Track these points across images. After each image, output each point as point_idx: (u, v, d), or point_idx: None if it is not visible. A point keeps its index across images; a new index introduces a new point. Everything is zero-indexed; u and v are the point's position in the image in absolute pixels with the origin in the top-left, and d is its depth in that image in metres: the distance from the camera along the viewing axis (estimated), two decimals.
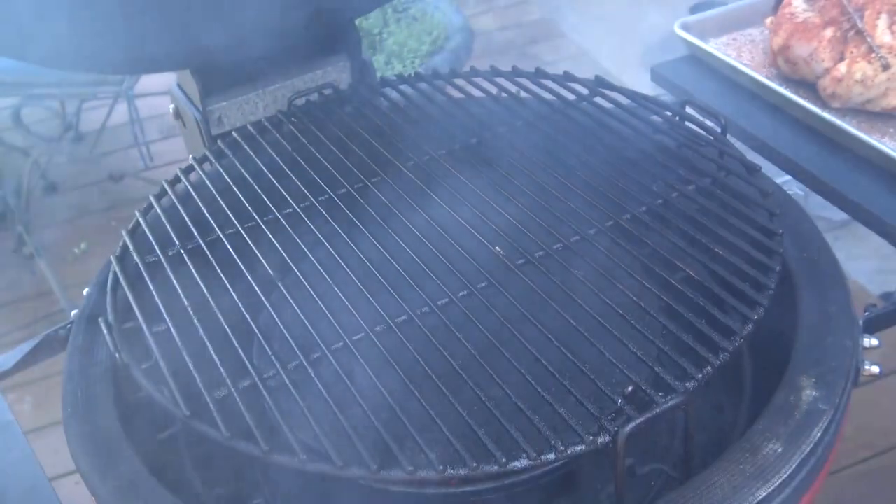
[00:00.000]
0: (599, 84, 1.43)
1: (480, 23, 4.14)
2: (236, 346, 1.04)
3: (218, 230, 1.23)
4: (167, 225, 1.26)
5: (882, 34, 1.39)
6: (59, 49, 1.32)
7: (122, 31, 1.33)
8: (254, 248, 1.18)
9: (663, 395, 0.92)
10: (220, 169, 1.36)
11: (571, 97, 1.42)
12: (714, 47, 1.63)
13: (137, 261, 1.20)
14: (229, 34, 1.40)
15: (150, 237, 1.24)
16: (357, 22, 1.65)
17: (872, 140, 1.34)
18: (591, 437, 0.89)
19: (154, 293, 1.13)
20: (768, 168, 1.42)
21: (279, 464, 0.92)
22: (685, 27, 1.65)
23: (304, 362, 1.02)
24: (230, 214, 1.24)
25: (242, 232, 1.22)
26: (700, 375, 0.94)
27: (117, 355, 1.06)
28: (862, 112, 1.45)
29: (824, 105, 1.46)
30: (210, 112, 1.51)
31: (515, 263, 1.12)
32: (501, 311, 1.05)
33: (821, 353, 1.06)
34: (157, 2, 1.30)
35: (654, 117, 1.36)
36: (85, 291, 1.30)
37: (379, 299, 1.08)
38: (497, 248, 1.13)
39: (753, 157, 1.37)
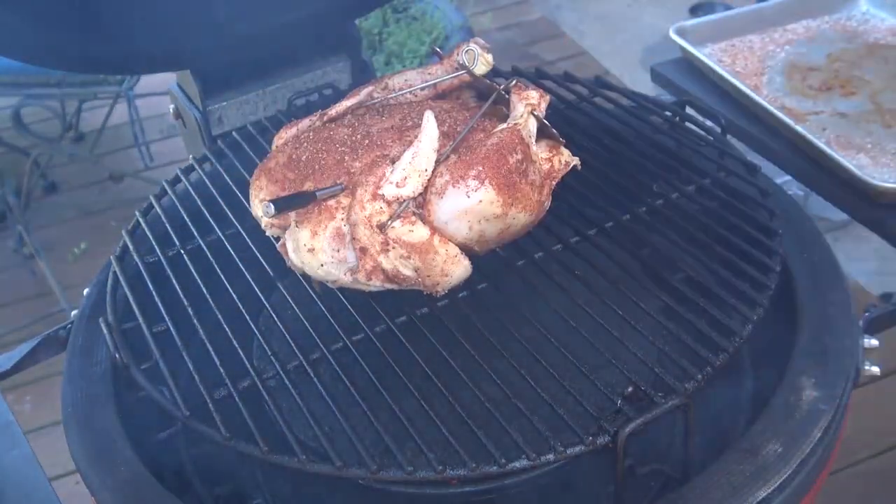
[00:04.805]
0: (599, 84, 1.43)
1: (480, 23, 4.14)
2: (236, 346, 1.04)
3: (218, 230, 1.23)
4: (167, 225, 1.26)
5: None
6: (60, 50, 1.32)
7: (123, 32, 1.33)
8: (254, 248, 1.18)
9: (663, 396, 0.92)
10: (221, 169, 1.36)
11: (571, 97, 1.42)
12: (710, 53, 1.63)
13: (137, 261, 1.20)
14: (229, 34, 1.41)
15: (150, 237, 1.23)
16: (357, 22, 1.65)
17: (837, 156, 1.32)
18: (591, 438, 0.89)
19: (154, 293, 1.13)
20: (768, 168, 1.42)
21: (279, 464, 0.92)
22: (680, 31, 1.64)
23: (304, 362, 1.02)
24: (230, 215, 1.24)
25: (243, 232, 1.22)
26: (700, 376, 0.94)
27: (117, 355, 1.06)
28: (843, 124, 1.43)
29: (801, 119, 1.44)
30: (210, 112, 1.51)
31: (515, 264, 1.12)
32: (501, 312, 1.05)
33: (821, 353, 1.06)
34: (158, 2, 1.30)
35: (654, 117, 1.36)
36: (85, 291, 1.30)
37: (378, 300, 1.08)
38: (497, 248, 1.13)
39: (753, 157, 1.37)
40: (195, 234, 1.23)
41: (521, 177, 1.01)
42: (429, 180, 1.01)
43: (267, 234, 1.12)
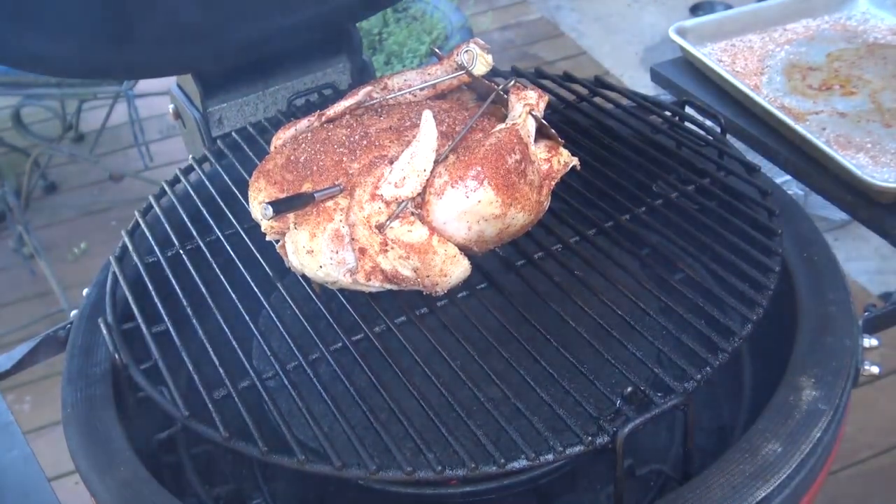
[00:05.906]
0: (599, 84, 1.43)
1: (480, 23, 4.14)
2: (236, 346, 1.04)
3: (217, 231, 1.23)
4: (167, 225, 1.26)
5: None
6: (62, 58, 1.32)
7: (125, 38, 1.33)
8: (253, 248, 1.18)
9: (662, 396, 0.92)
10: (220, 169, 1.36)
11: (571, 97, 1.42)
12: (710, 52, 1.62)
13: (137, 261, 1.20)
14: (232, 38, 1.41)
15: (150, 237, 1.24)
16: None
17: (837, 155, 1.32)
18: (590, 438, 0.89)
19: (154, 293, 1.13)
20: (768, 168, 1.42)
21: (278, 464, 0.92)
22: (680, 31, 1.64)
23: (303, 363, 1.02)
24: (230, 215, 1.24)
25: (242, 233, 1.22)
26: (699, 376, 0.94)
27: (117, 355, 1.06)
28: (843, 124, 1.42)
29: (800, 119, 1.44)
30: (210, 113, 1.51)
31: (515, 264, 1.12)
32: (500, 312, 1.05)
33: (821, 353, 1.06)
34: (158, 5, 1.30)
35: (654, 117, 1.36)
36: (85, 291, 1.30)
37: (378, 300, 1.08)
38: (496, 248, 1.13)
39: (753, 157, 1.37)
40: (195, 234, 1.23)
41: (520, 177, 1.01)
42: (427, 180, 1.01)
43: (267, 238, 1.12)
